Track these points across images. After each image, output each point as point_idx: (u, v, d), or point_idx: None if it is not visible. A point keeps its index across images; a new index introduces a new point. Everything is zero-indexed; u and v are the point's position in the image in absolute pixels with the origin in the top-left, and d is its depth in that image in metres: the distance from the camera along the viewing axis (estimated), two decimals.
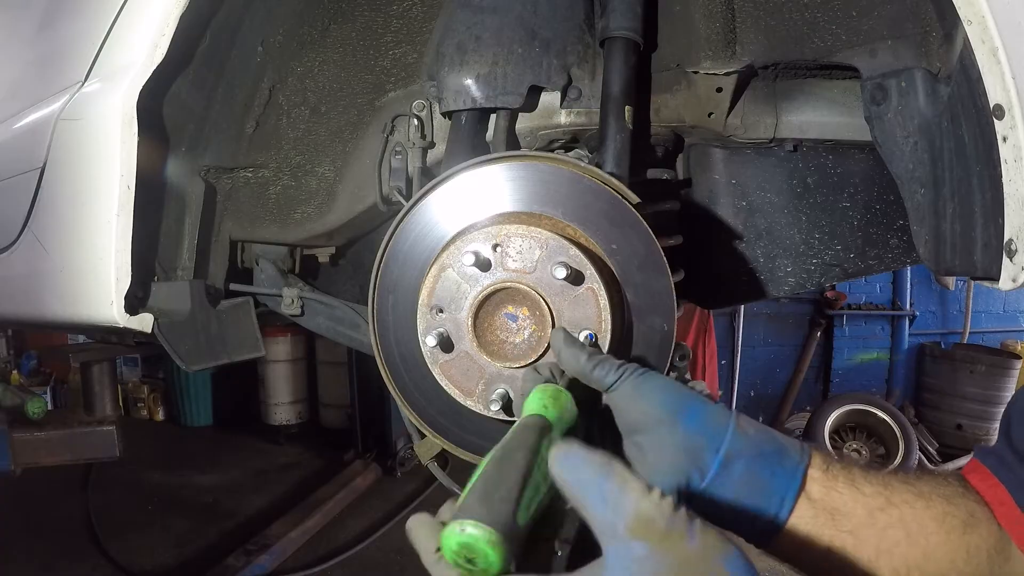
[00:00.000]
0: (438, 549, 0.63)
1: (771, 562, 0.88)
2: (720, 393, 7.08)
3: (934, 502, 0.80)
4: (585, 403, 0.85)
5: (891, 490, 0.80)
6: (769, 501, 0.78)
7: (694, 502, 0.77)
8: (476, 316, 0.95)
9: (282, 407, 7.20)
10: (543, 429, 0.74)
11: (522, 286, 0.93)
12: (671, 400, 0.81)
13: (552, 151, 1.37)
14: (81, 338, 5.16)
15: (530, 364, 0.94)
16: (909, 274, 7.19)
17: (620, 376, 0.82)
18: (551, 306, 0.93)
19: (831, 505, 0.79)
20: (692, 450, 0.78)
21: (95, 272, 1.23)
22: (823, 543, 0.78)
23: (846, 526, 0.79)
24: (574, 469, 0.62)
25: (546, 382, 0.85)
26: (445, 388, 0.99)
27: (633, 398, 0.82)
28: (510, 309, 0.96)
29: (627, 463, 0.75)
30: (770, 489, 0.78)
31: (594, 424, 0.86)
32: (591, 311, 0.93)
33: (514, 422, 0.97)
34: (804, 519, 0.78)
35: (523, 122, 1.38)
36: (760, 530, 0.78)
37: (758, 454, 0.79)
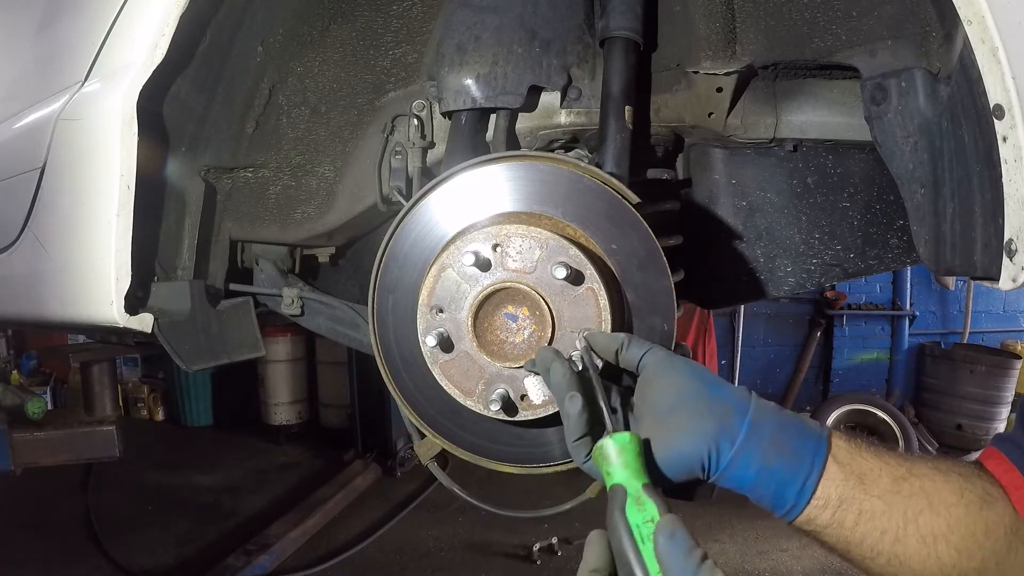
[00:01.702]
0: None
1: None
2: None
3: (952, 477, 0.83)
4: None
5: (911, 461, 0.83)
6: (800, 463, 0.80)
7: (727, 469, 0.81)
8: (476, 316, 0.95)
9: (282, 407, 7.19)
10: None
11: (522, 286, 0.93)
12: (698, 374, 0.86)
13: (552, 151, 1.37)
14: (81, 338, 5.15)
15: None
16: (909, 274, 7.20)
17: (649, 350, 0.88)
18: (551, 306, 0.93)
19: (859, 470, 0.81)
20: (721, 415, 0.82)
21: (95, 272, 1.23)
22: (855, 508, 0.80)
23: (875, 491, 0.81)
24: (675, 552, 0.68)
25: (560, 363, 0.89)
26: (445, 388, 0.98)
27: (663, 371, 0.87)
28: (510, 309, 0.96)
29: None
30: (800, 452, 0.81)
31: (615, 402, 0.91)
32: (591, 311, 0.93)
33: (514, 422, 0.97)
34: (835, 482, 0.80)
35: (523, 122, 1.38)
36: (793, 493, 0.80)
37: (782, 423, 0.82)
